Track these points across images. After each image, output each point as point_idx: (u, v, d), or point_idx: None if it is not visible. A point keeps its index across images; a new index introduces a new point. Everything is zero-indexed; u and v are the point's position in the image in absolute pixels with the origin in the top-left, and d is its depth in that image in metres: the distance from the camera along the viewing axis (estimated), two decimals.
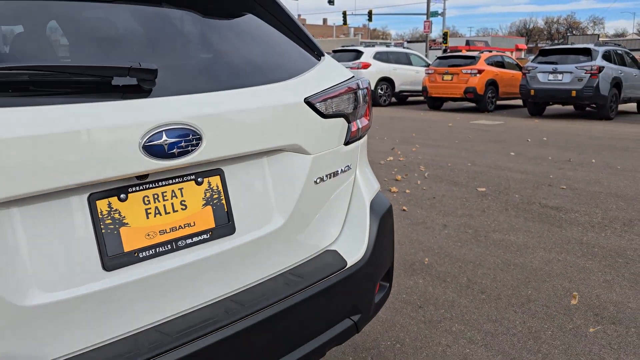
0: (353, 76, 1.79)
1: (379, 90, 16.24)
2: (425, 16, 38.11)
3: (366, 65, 15.79)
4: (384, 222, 1.81)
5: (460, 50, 30.63)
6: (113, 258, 1.17)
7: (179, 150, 1.20)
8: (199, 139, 1.24)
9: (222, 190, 1.37)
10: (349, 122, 1.69)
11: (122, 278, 1.18)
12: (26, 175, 1.02)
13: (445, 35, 39.16)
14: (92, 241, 1.15)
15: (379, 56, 16.36)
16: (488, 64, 14.68)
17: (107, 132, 1.11)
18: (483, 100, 14.39)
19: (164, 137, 1.17)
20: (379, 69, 16.11)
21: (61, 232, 1.11)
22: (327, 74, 1.68)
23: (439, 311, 2.87)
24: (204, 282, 1.34)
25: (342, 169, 1.70)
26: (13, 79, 1.05)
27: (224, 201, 1.37)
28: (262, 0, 1.66)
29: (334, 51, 16.94)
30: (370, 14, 42.09)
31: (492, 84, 14.53)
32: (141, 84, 1.19)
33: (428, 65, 17.20)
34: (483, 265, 3.49)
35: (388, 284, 1.94)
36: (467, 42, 47.32)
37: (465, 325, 2.72)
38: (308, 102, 1.52)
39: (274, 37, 1.67)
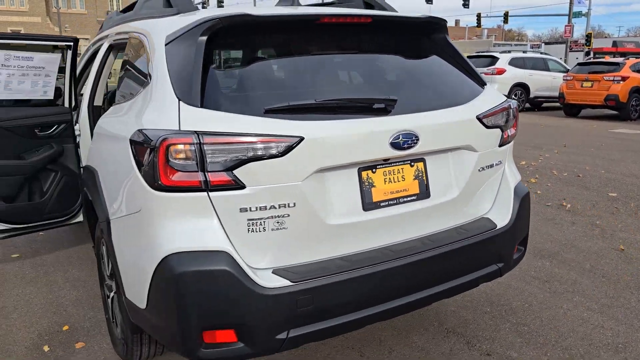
0: (506, 99, 2.58)
1: (513, 96, 16.29)
2: (566, 17, 36.26)
3: (501, 71, 15.95)
4: (523, 202, 2.58)
5: (605, 53, 28.85)
6: (368, 204, 2.11)
7: (406, 145, 2.10)
8: (417, 139, 2.13)
9: (424, 171, 2.25)
10: (502, 131, 2.49)
11: (372, 216, 2.11)
12: (336, 155, 1.98)
13: (588, 37, 36.92)
14: (358, 193, 2.09)
15: (514, 62, 16.40)
16: (634, 71, 14.14)
17: (372, 134, 2.04)
18: (625, 109, 13.91)
19: (400, 138, 2.08)
20: (513, 75, 16.16)
21: (346, 187, 2.06)
22: (490, 98, 2.49)
23: (562, 286, 3.53)
24: (410, 225, 2.24)
25: (496, 163, 2.50)
26: (331, 105, 2.02)
27: (424, 178, 2.26)
28: (444, 46, 2.52)
29: (469, 57, 17.25)
30: (506, 15, 40.88)
31: (637, 91, 13.98)
32: (387, 107, 2.11)
33: (566, 70, 16.85)
34: (606, 257, 4.03)
35: (523, 248, 2.70)
36: (615, 44, 43.94)
37: (585, 297, 3.35)
38: (478, 118, 2.35)
39: (453, 72, 2.51)
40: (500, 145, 2.50)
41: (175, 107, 1.91)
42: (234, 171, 1.85)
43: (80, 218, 3.71)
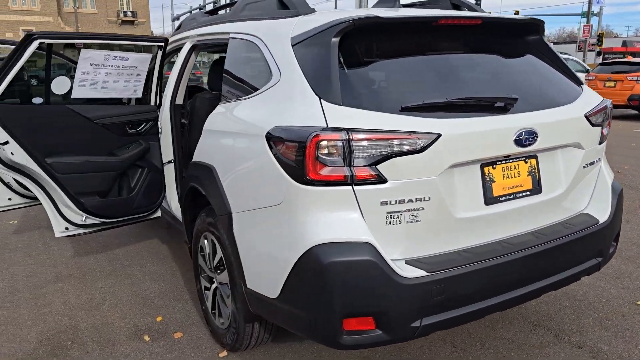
0: (603, 99, 2.66)
1: None
2: (578, 17, 36.16)
3: None
4: (620, 198, 2.66)
5: (615, 53, 28.71)
6: (489, 199, 2.20)
7: (527, 142, 2.19)
8: (537, 137, 2.21)
9: (536, 167, 2.34)
10: (602, 129, 2.57)
11: (492, 210, 2.20)
12: (467, 151, 2.07)
13: (600, 37, 36.82)
14: (480, 188, 2.18)
15: None
16: None
17: (498, 131, 2.13)
18: None
19: (523, 135, 2.17)
20: None
21: (470, 182, 2.15)
22: (591, 98, 2.57)
23: (634, 282, 3.60)
24: (524, 219, 2.32)
25: (596, 160, 2.58)
26: (461, 104, 2.11)
27: (537, 174, 2.34)
28: (542, 46, 2.61)
29: None
30: (516, 15, 40.81)
31: None
32: (509, 105, 2.20)
33: (587, 71, 16.86)
34: None
35: (616, 244, 2.78)
36: (625, 43, 43.83)
37: None
38: (586, 116, 2.43)
39: (554, 71, 2.60)
40: (599, 143, 2.58)
41: (317, 105, 2.01)
42: (377, 166, 1.94)
43: (158, 213, 3.82)
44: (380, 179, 1.95)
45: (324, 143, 1.92)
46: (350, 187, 1.95)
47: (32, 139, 3.05)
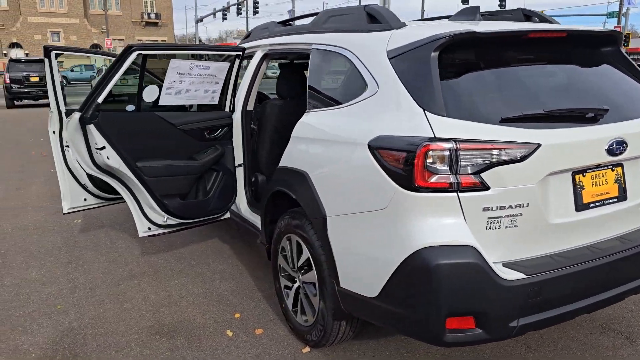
0: None
1: None
2: (601, 17, 35.69)
3: None
4: None
5: None
6: (579, 205, 2.30)
7: (618, 152, 2.29)
8: (626, 146, 2.31)
9: (622, 175, 2.43)
10: None
11: (582, 216, 2.31)
12: (562, 160, 2.18)
13: (627, 38, 36.29)
14: (572, 195, 2.29)
15: None
16: None
17: (592, 141, 2.23)
18: None
19: (614, 145, 2.27)
20: None
21: (562, 189, 2.26)
22: None
23: None
24: (610, 225, 2.42)
25: None
26: (556, 114, 2.22)
27: (622, 181, 2.44)
28: (621, 57, 2.70)
29: None
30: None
31: None
32: (599, 116, 2.30)
33: None
34: None
35: None
36: None
37: None
38: None
39: (632, 81, 2.68)
40: None
41: (422, 116, 2.13)
42: (481, 174, 2.06)
43: (227, 215, 3.98)
44: (484, 186, 2.07)
45: (432, 152, 2.04)
46: (455, 194, 2.07)
47: (126, 144, 3.23)
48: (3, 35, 53.36)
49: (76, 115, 3.17)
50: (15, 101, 19.50)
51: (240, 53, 3.56)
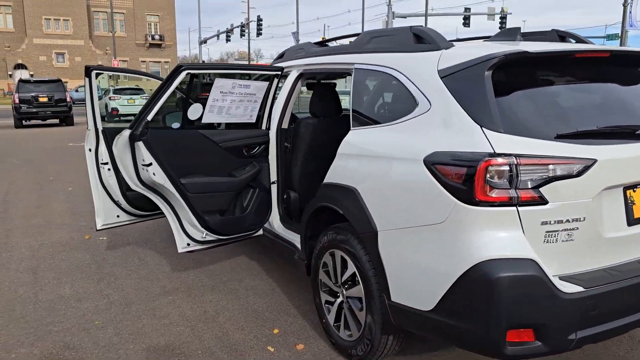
0: None
1: None
2: (600, 39, 36.21)
3: None
4: None
5: None
6: (631, 220, 2.35)
7: None
8: None
9: None
10: None
11: (634, 230, 2.35)
12: (616, 175, 2.23)
13: None
14: (623, 210, 2.34)
15: None
16: None
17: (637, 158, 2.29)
18: None
19: None
20: None
21: (614, 204, 2.31)
22: None
23: None
24: None
25: None
26: (607, 131, 2.28)
27: None
28: None
29: None
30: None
31: None
32: None
33: None
34: None
35: None
36: None
37: None
38: None
39: None
40: None
41: (480, 133, 2.20)
42: (540, 189, 2.12)
43: (260, 231, 4.02)
44: (542, 201, 2.12)
45: (493, 167, 2.10)
46: (514, 208, 2.12)
47: (171, 161, 3.29)
48: (9, 57, 53.92)
49: (126, 133, 3.24)
50: (23, 121, 19.66)
51: (279, 72, 3.64)
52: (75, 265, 4.61)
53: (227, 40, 45.85)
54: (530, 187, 2.12)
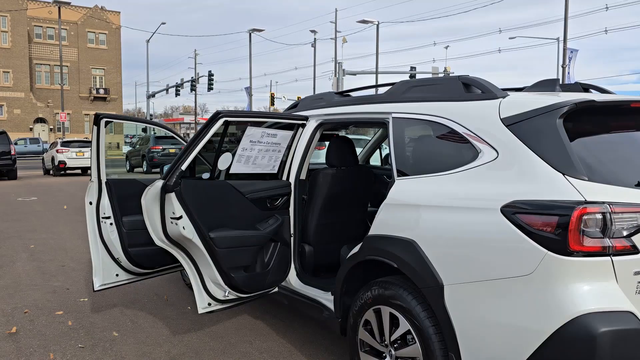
0: None
1: None
2: None
3: None
4: None
5: None
6: None
7: None
8: None
9: None
10: None
11: None
12: None
13: None
14: None
15: None
16: None
17: None
18: None
19: None
20: None
21: None
22: None
23: None
24: None
25: None
26: None
27: None
28: None
29: None
30: None
31: None
32: None
33: None
34: None
35: None
36: None
37: None
38: None
39: None
40: None
41: (563, 180, 2.14)
42: (632, 237, 2.06)
43: (275, 288, 3.78)
44: (635, 250, 2.07)
45: (587, 216, 2.03)
46: (609, 258, 2.05)
47: (201, 214, 3.05)
48: None
49: (159, 183, 2.98)
50: None
51: (305, 122, 3.53)
52: (60, 331, 4.15)
53: (177, 94, 45.65)
54: (623, 235, 2.06)
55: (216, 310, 3.38)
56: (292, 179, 3.69)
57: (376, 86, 3.64)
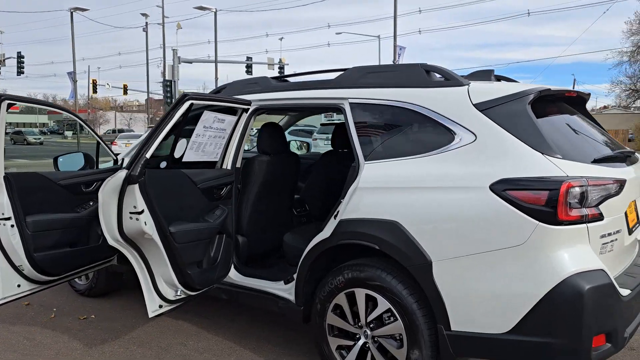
0: None
1: None
2: None
3: None
4: None
5: None
6: (630, 230, 2.80)
7: None
8: None
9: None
10: None
11: (631, 238, 2.80)
12: (633, 193, 2.65)
13: None
14: (625, 221, 2.78)
15: None
16: None
17: (637, 179, 2.77)
18: None
19: None
20: None
21: (625, 216, 2.73)
22: None
23: None
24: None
25: None
26: (616, 155, 2.70)
27: None
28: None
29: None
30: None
31: None
32: (628, 157, 2.87)
33: None
34: None
35: None
36: None
37: None
38: None
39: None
40: None
41: (544, 159, 2.40)
42: (599, 206, 2.40)
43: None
44: (601, 217, 2.41)
45: (572, 190, 2.32)
46: (584, 225, 2.36)
47: (162, 207, 2.73)
48: None
49: (121, 174, 2.59)
50: None
51: (249, 107, 3.37)
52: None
53: None
54: (594, 205, 2.39)
55: (165, 312, 3.09)
56: (229, 167, 3.51)
57: (322, 72, 3.61)
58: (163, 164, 3.09)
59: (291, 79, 3.71)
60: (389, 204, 2.75)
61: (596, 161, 2.57)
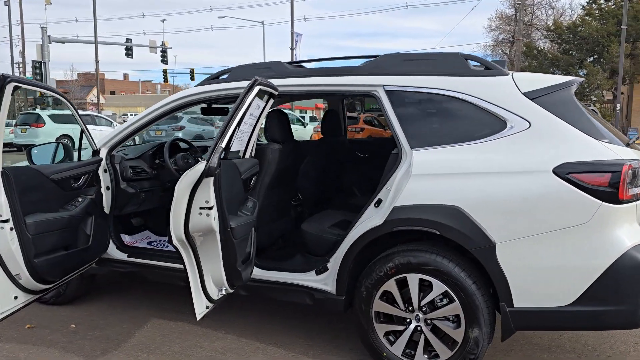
0: None
1: None
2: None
3: None
4: None
5: None
6: None
7: None
8: None
9: None
10: None
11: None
12: None
13: None
14: None
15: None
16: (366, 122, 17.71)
17: None
18: None
19: None
20: None
21: None
22: None
23: None
24: None
25: None
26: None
27: None
28: None
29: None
30: (192, 72, 43.39)
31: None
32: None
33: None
34: None
35: None
36: None
37: None
38: None
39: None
40: None
41: (597, 144, 2.64)
42: None
43: None
44: None
45: (630, 171, 2.56)
46: (634, 203, 2.64)
47: (227, 201, 2.51)
48: None
49: (200, 166, 2.31)
50: None
51: (276, 92, 3.22)
52: None
53: None
54: (637, 185, 2.67)
55: (205, 313, 2.89)
56: (250, 156, 3.34)
57: (340, 58, 3.53)
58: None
59: (307, 65, 3.61)
60: (449, 189, 2.82)
61: (628, 145, 2.86)
